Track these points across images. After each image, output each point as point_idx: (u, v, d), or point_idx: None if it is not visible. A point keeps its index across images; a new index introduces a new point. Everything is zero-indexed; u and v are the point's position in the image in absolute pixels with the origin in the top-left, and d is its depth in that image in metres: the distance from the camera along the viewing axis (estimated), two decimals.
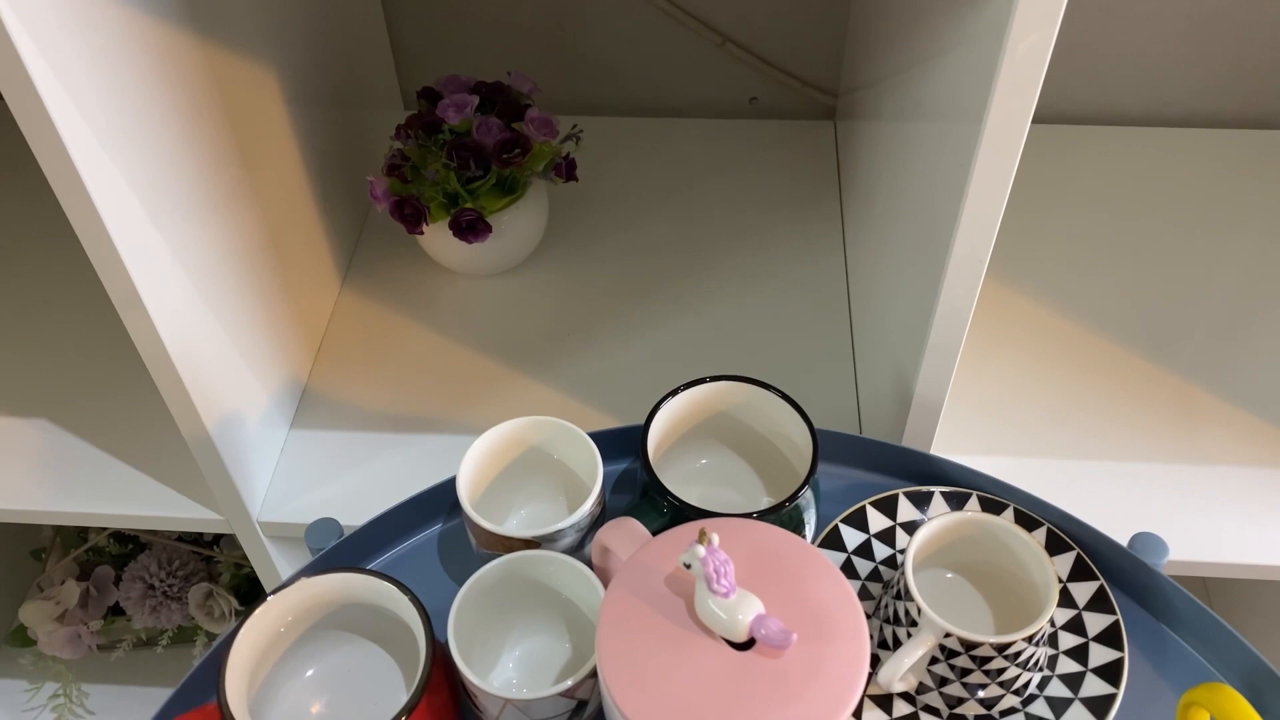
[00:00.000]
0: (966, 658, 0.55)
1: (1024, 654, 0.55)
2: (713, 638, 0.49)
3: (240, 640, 0.54)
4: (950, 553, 0.61)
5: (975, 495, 0.67)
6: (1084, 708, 0.57)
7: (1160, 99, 1.10)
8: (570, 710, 0.55)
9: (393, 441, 0.87)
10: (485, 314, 0.96)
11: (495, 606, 0.59)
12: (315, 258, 0.94)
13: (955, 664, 0.55)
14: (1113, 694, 0.57)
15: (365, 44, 1.06)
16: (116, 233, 0.62)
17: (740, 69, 1.12)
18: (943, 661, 0.56)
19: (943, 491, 0.67)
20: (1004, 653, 0.54)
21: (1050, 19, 0.51)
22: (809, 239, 1.01)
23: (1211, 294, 0.95)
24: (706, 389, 0.66)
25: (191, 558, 1.16)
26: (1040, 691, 0.58)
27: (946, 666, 0.56)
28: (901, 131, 0.79)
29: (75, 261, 1.01)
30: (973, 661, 0.55)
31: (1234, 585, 1.18)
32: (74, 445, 0.88)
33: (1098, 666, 0.59)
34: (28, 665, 1.21)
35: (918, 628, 0.55)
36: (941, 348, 0.67)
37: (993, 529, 0.59)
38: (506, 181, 0.90)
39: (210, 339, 0.74)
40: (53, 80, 0.56)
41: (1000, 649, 0.54)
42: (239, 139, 0.77)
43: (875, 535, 0.65)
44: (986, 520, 0.59)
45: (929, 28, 0.68)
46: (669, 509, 0.60)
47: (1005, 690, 0.57)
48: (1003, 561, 0.59)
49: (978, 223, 0.59)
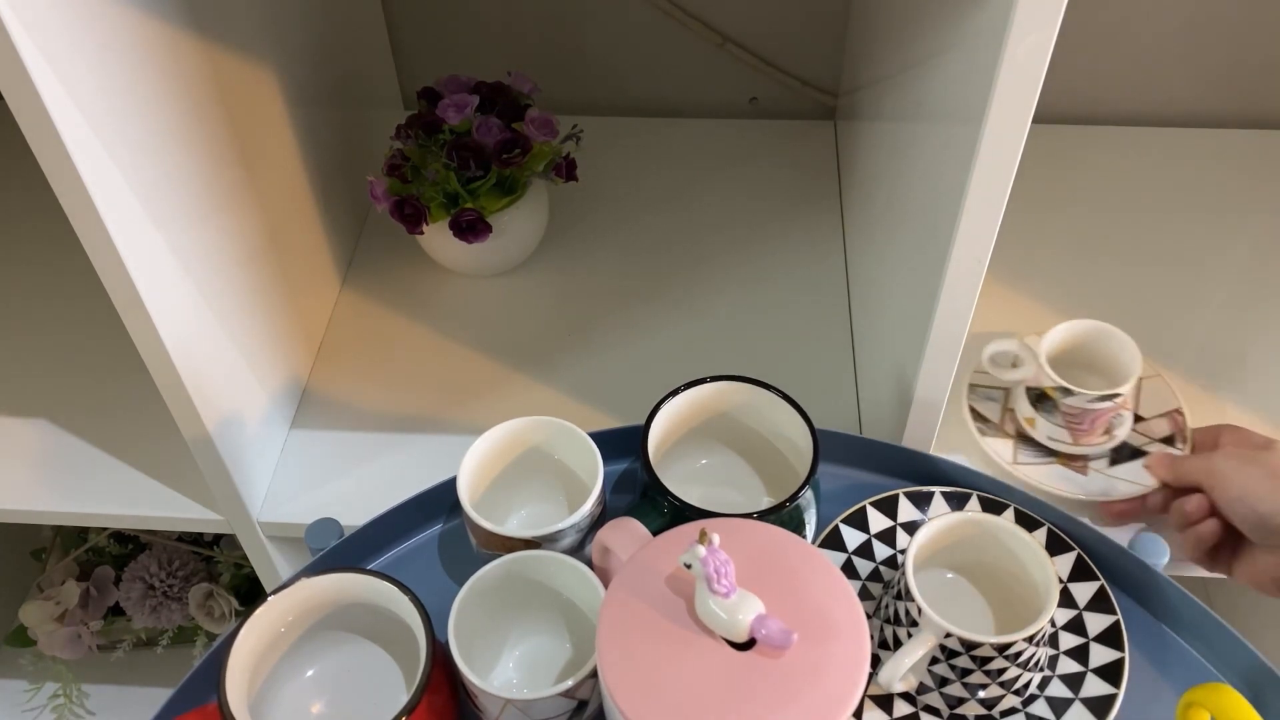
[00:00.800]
0: (967, 658, 0.55)
1: (1024, 654, 0.55)
2: (713, 638, 0.49)
3: (240, 640, 0.54)
4: (951, 553, 0.61)
5: (975, 495, 0.67)
6: (1084, 708, 0.57)
7: (1160, 99, 1.10)
8: (570, 710, 0.55)
9: (393, 441, 0.87)
10: (485, 314, 0.96)
11: (496, 607, 0.59)
12: (315, 258, 0.94)
13: (956, 664, 0.55)
14: (1113, 694, 0.57)
15: (365, 44, 1.06)
16: (116, 233, 0.62)
17: (740, 69, 1.12)
18: (943, 662, 0.56)
19: (943, 491, 0.67)
20: (1004, 653, 0.54)
21: (1050, 19, 0.51)
22: (809, 239, 1.01)
23: (1211, 294, 0.95)
24: (707, 389, 0.66)
25: (191, 558, 1.16)
26: (1041, 692, 0.58)
27: (947, 667, 0.56)
28: (901, 131, 0.79)
29: (75, 261, 1.00)
30: (973, 662, 0.55)
31: (1234, 585, 1.18)
32: (74, 445, 0.88)
33: (1098, 667, 0.59)
34: (28, 665, 1.21)
35: (918, 628, 0.55)
36: (941, 348, 0.67)
37: (993, 529, 0.59)
38: (506, 181, 0.90)
39: (210, 339, 0.74)
40: (53, 80, 0.56)
41: (1001, 649, 0.54)
42: (239, 139, 0.77)
43: (875, 535, 0.65)
44: (987, 520, 0.59)
45: (929, 28, 0.68)
46: (669, 509, 0.60)
47: (1006, 690, 0.57)
48: (1003, 562, 0.59)
49: (978, 223, 0.59)
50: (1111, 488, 0.76)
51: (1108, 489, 0.76)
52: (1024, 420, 0.79)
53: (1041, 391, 0.77)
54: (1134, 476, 0.77)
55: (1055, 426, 0.77)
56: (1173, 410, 0.81)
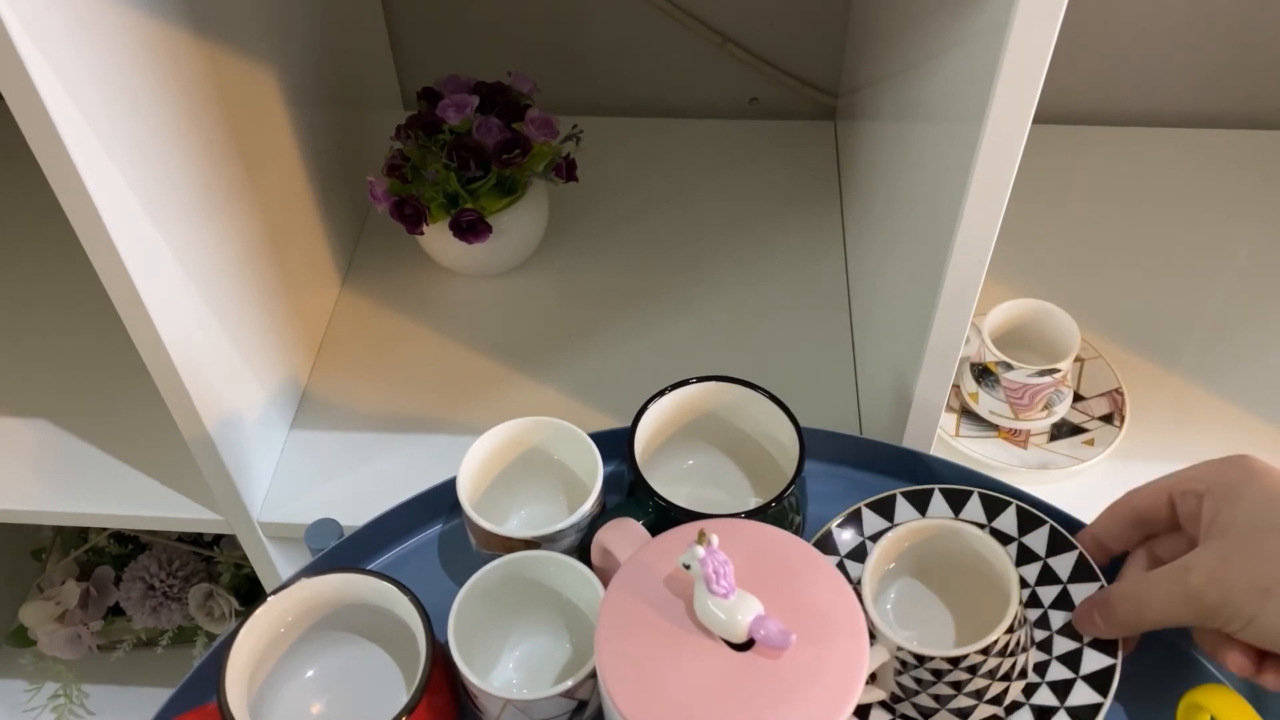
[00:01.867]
0: (925, 670, 0.54)
1: (985, 666, 0.54)
2: (712, 638, 0.49)
3: (240, 640, 0.54)
4: (930, 557, 0.60)
5: (977, 493, 0.66)
6: (1068, 717, 0.56)
7: (1160, 99, 1.10)
8: (570, 710, 0.55)
9: (393, 441, 0.87)
10: (485, 314, 0.96)
11: (495, 607, 0.59)
12: (315, 258, 0.94)
13: (917, 676, 0.55)
14: (1099, 703, 0.55)
15: (365, 44, 1.06)
16: (116, 233, 0.62)
17: (740, 69, 1.12)
18: (905, 673, 0.55)
19: (942, 489, 0.66)
20: (959, 665, 0.53)
21: (1050, 19, 0.51)
22: (809, 239, 1.01)
23: (1211, 294, 0.95)
24: (694, 390, 0.65)
25: (191, 558, 1.16)
26: (1027, 699, 0.57)
27: (910, 678, 0.55)
28: (902, 131, 0.79)
29: (75, 261, 1.00)
30: (931, 674, 0.54)
31: None
32: (74, 445, 0.88)
33: (1089, 673, 0.57)
34: (28, 665, 1.21)
35: (874, 640, 0.55)
36: (941, 348, 0.67)
37: (965, 536, 0.58)
38: (506, 182, 0.90)
39: (210, 339, 0.74)
40: (53, 80, 0.56)
41: (954, 662, 0.53)
42: (239, 139, 0.77)
43: (869, 538, 0.65)
44: (958, 527, 0.58)
45: (929, 28, 0.68)
46: (654, 509, 0.60)
47: (978, 700, 0.56)
48: (980, 567, 0.59)
49: (978, 223, 0.59)
50: (1050, 461, 0.82)
51: (1046, 462, 0.82)
52: (968, 395, 0.83)
53: (984, 367, 0.81)
54: (1072, 452, 0.82)
55: (997, 401, 0.81)
56: (1112, 390, 0.85)
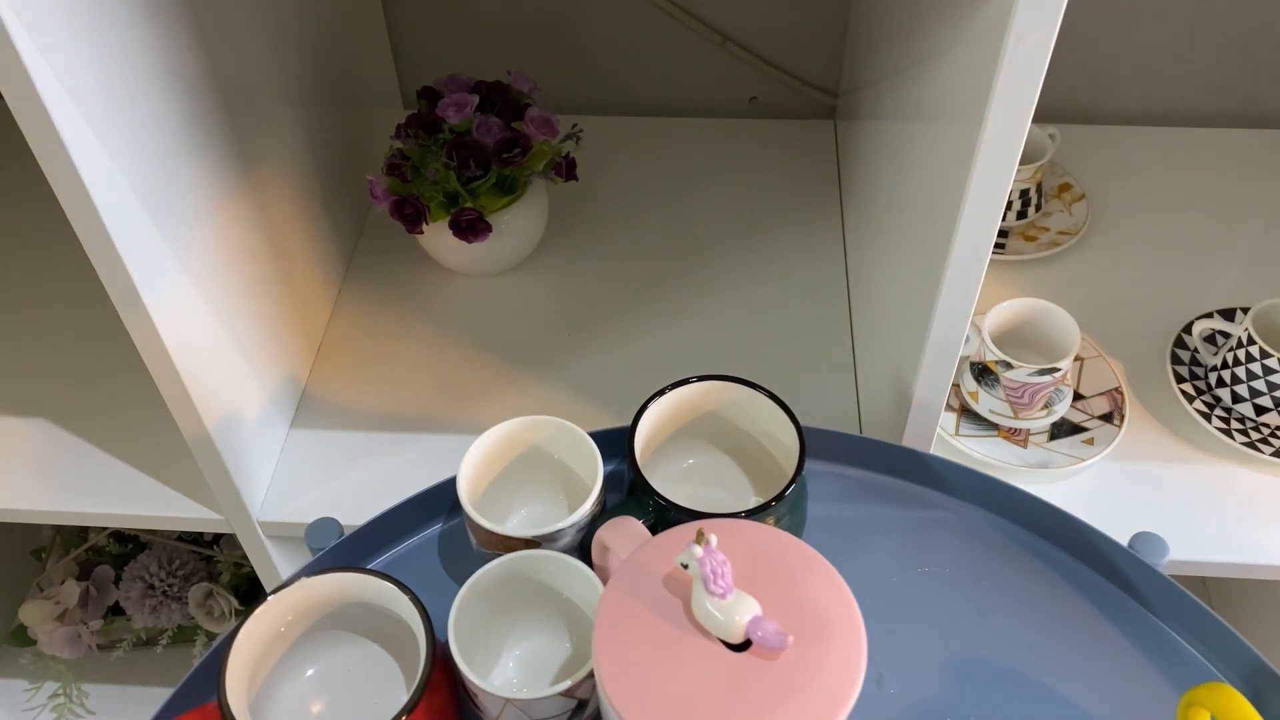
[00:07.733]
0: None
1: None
2: (709, 639, 0.49)
3: (240, 640, 0.54)
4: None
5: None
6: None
7: (1160, 99, 1.10)
8: (570, 710, 0.55)
9: (393, 441, 0.87)
10: (485, 314, 0.96)
11: (495, 606, 0.59)
12: (315, 258, 0.94)
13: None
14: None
15: (365, 44, 1.06)
16: (116, 232, 0.62)
17: (740, 69, 1.12)
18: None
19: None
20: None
21: (1050, 19, 0.51)
22: (809, 239, 1.01)
23: (1211, 294, 0.95)
24: (694, 389, 0.65)
25: (191, 557, 1.16)
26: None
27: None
28: (901, 131, 0.79)
29: (75, 261, 1.01)
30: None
31: (1234, 585, 1.18)
32: (74, 445, 0.88)
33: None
34: (28, 665, 1.21)
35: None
36: (941, 348, 0.67)
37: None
38: (506, 181, 0.90)
39: (210, 338, 0.74)
40: (53, 80, 0.56)
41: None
42: (239, 139, 0.77)
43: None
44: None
45: (929, 27, 0.68)
46: (654, 508, 0.60)
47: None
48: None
49: (978, 223, 0.59)
50: (1050, 460, 0.81)
51: (1046, 461, 0.81)
52: (968, 394, 0.84)
53: (984, 366, 0.81)
54: (1071, 451, 0.81)
55: (996, 400, 0.81)
56: (1112, 389, 0.85)
